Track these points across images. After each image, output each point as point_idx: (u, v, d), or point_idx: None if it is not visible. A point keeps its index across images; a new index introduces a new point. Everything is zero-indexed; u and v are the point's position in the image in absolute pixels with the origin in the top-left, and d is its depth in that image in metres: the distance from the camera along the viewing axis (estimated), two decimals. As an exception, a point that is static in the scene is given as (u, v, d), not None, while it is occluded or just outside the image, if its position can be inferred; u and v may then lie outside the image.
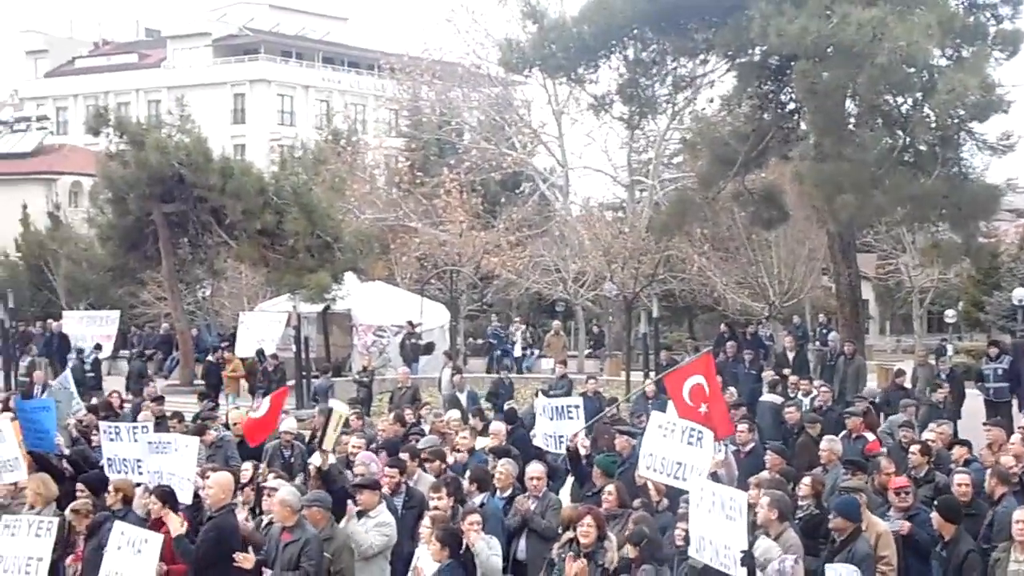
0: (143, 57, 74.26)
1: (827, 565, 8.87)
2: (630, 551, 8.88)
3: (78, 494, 10.44)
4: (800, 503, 10.42)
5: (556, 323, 35.48)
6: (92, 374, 27.28)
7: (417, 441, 13.20)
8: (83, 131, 59.34)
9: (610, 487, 10.51)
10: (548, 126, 39.92)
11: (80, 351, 29.52)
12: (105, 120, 33.27)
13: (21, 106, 71.28)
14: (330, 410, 11.71)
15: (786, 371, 21.21)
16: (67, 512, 10.17)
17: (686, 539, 8.71)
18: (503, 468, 11.15)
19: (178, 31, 72.74)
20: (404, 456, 11.46)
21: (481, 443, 13.50)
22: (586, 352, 36.73)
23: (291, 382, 26.05)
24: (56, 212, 46.87)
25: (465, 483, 10.95)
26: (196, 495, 10.31)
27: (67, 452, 12.78)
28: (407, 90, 42.62)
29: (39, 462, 11.58)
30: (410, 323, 31.21)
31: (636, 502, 10.55)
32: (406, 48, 41.65)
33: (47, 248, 41.85)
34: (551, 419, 13.06)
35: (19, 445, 10.78)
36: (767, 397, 19.08)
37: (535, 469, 10.95)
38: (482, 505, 10.48)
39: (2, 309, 33.02)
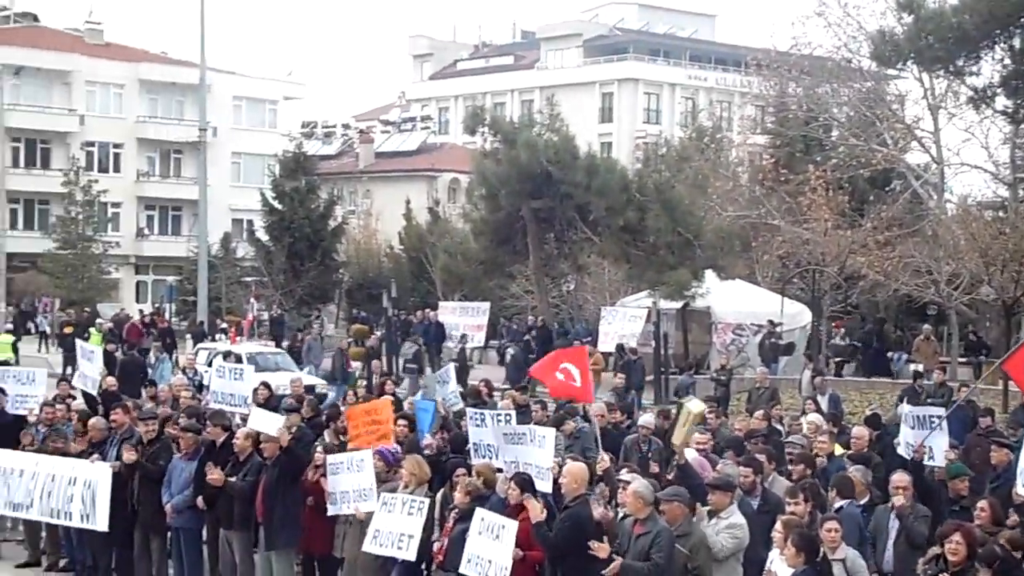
0: (518, 59, 77.16)
1: None
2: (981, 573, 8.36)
3: (456, 478, 10.98)
4: None
5: (926, 327, 33.76)
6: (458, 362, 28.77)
7: (773, 442, 13.02)
8: (461, 130, 62.73)
9: (983, 503, 9.94)
10: (923, 121, 38.08)
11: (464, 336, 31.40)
12: (481, 120, 34.93)
13: (407, 107, 75.88)
14: (680, 405, 11.76)
15: None
16: (456, 492, 10.67)
17: None
18: (854, 475, 10.85)
19: (551, 33, 75.05)
20: (761, 457, 11.32)
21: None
22: (959, 358, 34.76)
23: (650, 378, 26.32)
24: (435, 207, 49.47)
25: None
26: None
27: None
28: (774, 86, 41.92)
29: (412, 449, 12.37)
30: (770, 322, 30.72)
31: (1010, 520, 9.92)
32: (774, 44, 40.91)
33: (427, 241, 44.26)
34: (912, 428, 12.52)
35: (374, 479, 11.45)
36: None
37: (899, 478, 10.55)
38: (839, 510, 10.24)
39: (386, 298, 35.44)
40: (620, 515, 9.93)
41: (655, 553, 9.12)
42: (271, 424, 11.73)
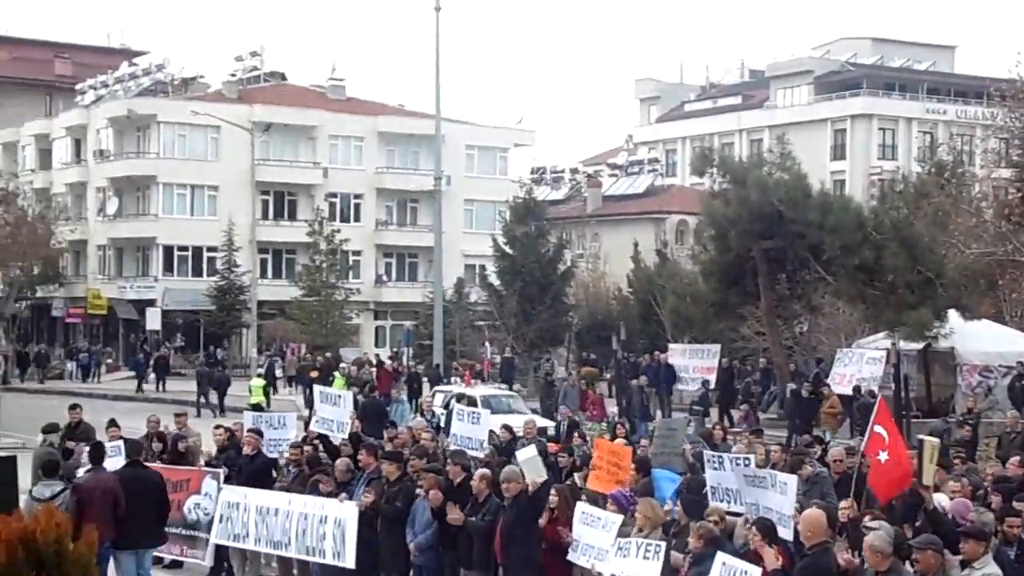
0: (747, 98, 76.45)
1: None
2: None
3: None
4: None
5: None
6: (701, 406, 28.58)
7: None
8: (689, 172, 62.46)
9: None
10: None
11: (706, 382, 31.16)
12: (710, 161, 34.77)
13: (635, 151, 76.25)
14: (920, 443, 11.29)
15: None
16: (690, 537, 10.60)
17: None
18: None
19: (780, 71, 74.07)
20: (1020, 506, 10.80)
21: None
22: None
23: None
24: (663, 249, 49.45)
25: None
26: None
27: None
28: (1019, 118, 40.06)
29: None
30: (1020, 363, 29.23)
31: None
32: (1019, 73, 39.11)
33: (655, 283, 44.24)
34: None
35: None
36: None
37: None
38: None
39: (615, 340, 35.56)
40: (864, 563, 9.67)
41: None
42: (537, 472, 11.79)
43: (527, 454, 12.10)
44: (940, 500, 11.20)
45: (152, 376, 45.02)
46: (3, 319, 51.58)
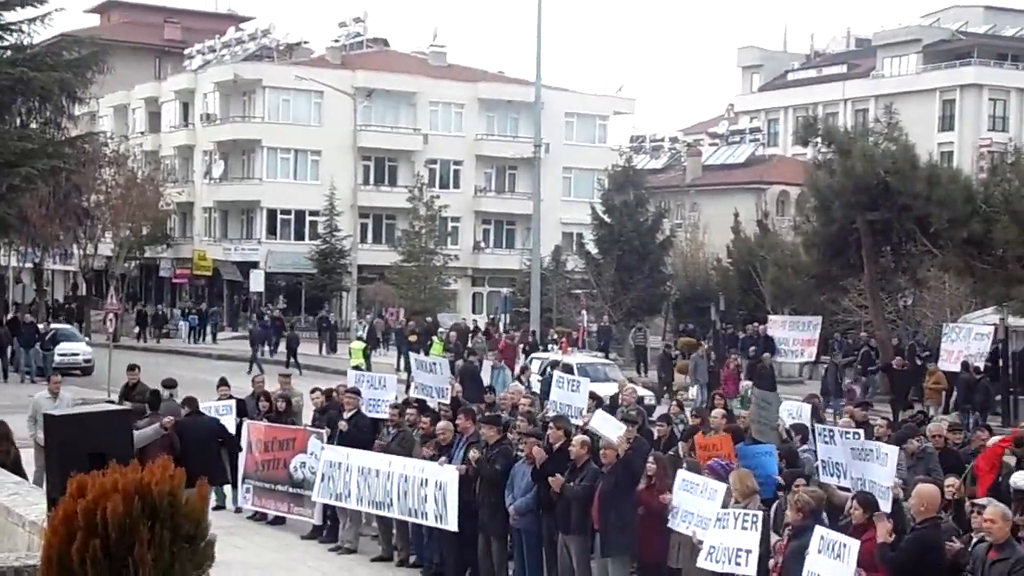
0: (852, 67, 74.87)
1: None
2: None
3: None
4: None
5: None
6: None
7: None
8: (791, 142, 61.44)
9: None
10: None
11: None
12: (814, 130, 34.22)
13: (736, 120, 75.23)
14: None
15: None
16: (788, 509, 10.52)
17: None
18: None
19: (887, 39, 72.37)
20: None
21: None
22: None
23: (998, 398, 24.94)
24: (764, 220, 48.81)
25: None
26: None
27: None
28: None
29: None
30: None
31: None
32: None
33: (755, 254, 43.73)
34: None
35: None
36: None
37: None
38: None
39: (714, 311, 35.32)
40: (973, 540, 9.54)
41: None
42: (612, 430, 11.95)
43: (597, 419, 12.21)
44: (1021, 479, 10.90)
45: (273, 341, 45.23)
46: (113, 278, 52.93)
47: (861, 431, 11.94)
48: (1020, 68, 69.36)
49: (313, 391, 17.36)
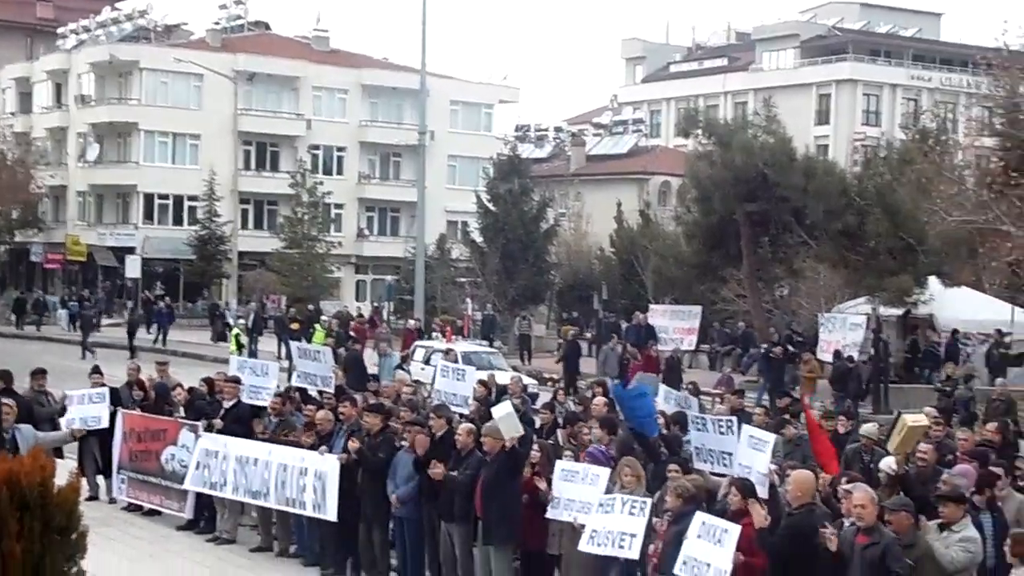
0: (732, 61, 76.22)
1: None
2: None
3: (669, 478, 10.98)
4: None
5: None
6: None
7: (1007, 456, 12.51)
8: (673, 133, 62.37)
9: None
10: None
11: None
12: (695, 122, 34.75)
13: (619, 110, 75.97)
14: (899, 415, 11.46)
15: None
16: (668, 495, 10.62)
17: None
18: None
19: (766, 34, 73.85)
20: (999, 470, 10.92)
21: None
22: None
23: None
24: (647, 210, 49.44)
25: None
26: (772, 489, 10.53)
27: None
28: (1004, 86, 40.04)
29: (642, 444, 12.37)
30: (998, 331, 29.47)
31: None
32: (1005, 42, 39.06)
33: (638, 244, 44.28)
34: None
35: None
36: None
37: None
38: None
39: (597, 300, 35.62)
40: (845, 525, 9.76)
41: (895, 564, 8.90)
42: (513, 429, 11.73)
43: (502, 411, 12.08)
44: (890, 463, 11.22)
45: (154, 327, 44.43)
46: (-20, 263, 51.23)
47: (734, 419, 12.13)
48: (893, 64, 71.40)
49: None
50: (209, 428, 15.05)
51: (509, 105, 69.05)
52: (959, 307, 31.69)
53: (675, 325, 32.57)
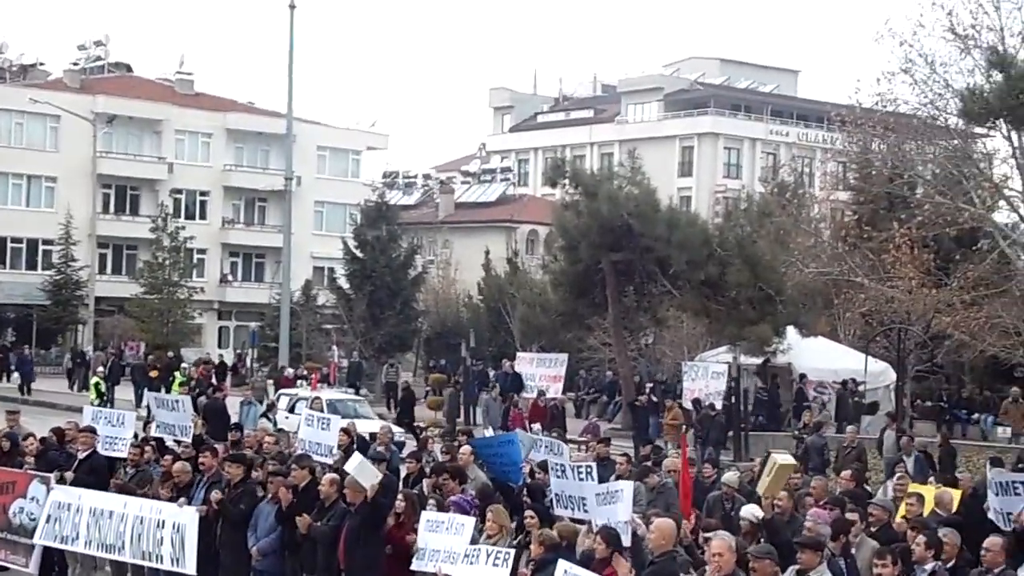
0: (598, 112, 77.58)
1: None
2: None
3: (528, 526, 10.96)
4: None
5: (1015, 390, 33.10)
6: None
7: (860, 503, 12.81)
8: (541, 182, 63.02)
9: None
10: (1011, 180, 37.42)
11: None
12: (562, 172, 35.13)
13: (487, 159, 76.52)
14: (767, 455, 11.63)
15: None
16: (532, 544, 10.58)
17: None
18: (947, 537, 10.65)
19: (631, 87, 75.40)
20: (853, 517, 11.17)
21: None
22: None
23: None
24: (514, 258, 49.71)
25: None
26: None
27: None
28: (857, 143, 41.56)
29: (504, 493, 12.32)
30: (852, 381, 30.35)
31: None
32: (858, 100, 40.59)
33: (505, 292, 44.46)
34: (997, 494, 12.30)
35: None
36: None
37: (992, 542, 10.33)
38: (932, 573, 10.06)
39: (465, 348, 35.57)
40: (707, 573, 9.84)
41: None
42: (369, 477, 11.61)
43: (354, 462, 11.98)
44: (752, 511, 11.41)
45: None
46: None
47: (593, 465, 12.17)
48: (753, 119, 73.56)
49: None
50: (61, 480, 14.49)
51: (377, 151, 68.97)
52: (816, 356, 32.54)
53: (542, 372, 32.70)
